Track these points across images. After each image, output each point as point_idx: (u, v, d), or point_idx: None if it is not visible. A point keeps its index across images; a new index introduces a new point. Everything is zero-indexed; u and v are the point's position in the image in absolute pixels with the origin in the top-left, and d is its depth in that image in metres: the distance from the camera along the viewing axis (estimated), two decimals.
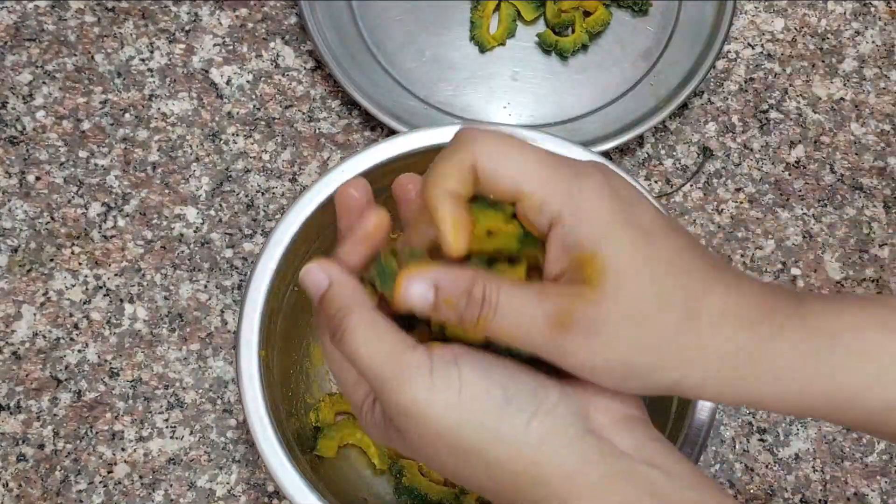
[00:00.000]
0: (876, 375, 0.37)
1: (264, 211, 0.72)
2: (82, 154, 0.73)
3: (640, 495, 0.36)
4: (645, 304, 0.36)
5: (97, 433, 0.67)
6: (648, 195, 0.38)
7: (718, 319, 0.37)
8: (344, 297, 0.38)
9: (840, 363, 0.37)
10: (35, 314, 0.69)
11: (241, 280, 0.71)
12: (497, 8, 0.78)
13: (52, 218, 0.71)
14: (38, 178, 0.72)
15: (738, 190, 0.75)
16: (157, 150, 0.73)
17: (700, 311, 0.36)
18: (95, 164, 0.73)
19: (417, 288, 0.37)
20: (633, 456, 0.37)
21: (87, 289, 0.70)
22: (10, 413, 0.68)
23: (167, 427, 0.68)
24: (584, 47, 0.77)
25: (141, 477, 0.67)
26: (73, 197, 0.72)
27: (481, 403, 0.36)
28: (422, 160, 0.60)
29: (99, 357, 0.69)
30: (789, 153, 0.76)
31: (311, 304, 0.40)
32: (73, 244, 0.71)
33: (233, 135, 0.74)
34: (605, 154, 0.72)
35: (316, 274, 0.39)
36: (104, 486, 0.66)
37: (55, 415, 0.68)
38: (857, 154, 0.76)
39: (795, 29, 0.79)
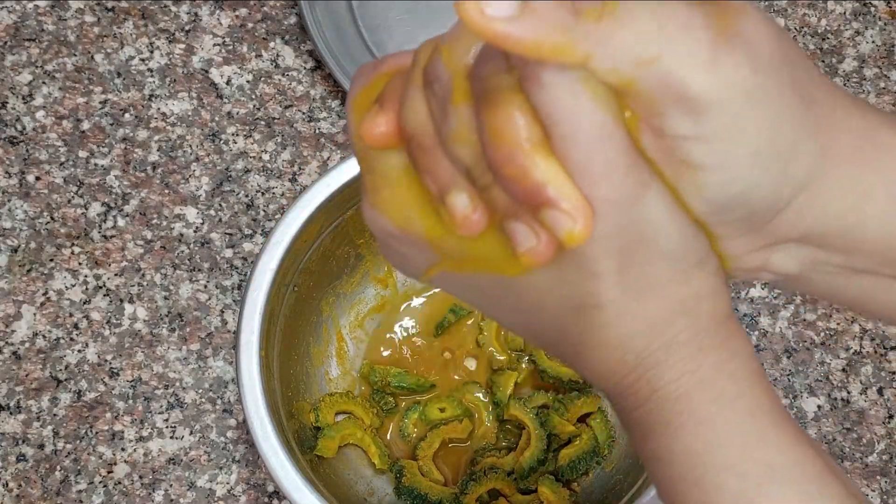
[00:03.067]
0: None
1: (264, 211, 0.72)
2: (82, 154, 0.73)
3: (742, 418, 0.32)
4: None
5: (97, 433, 0.67)
6: None
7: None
8: None
9: (887, 161, 0.32)
10: (35, 314, 0.69)
11: (241, 280, 0.71)
12: None
13: (52, 218, 0.71)
14: (38, 178, 0.72)
15: None
16: (157, 150, 0.73)
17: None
18: (95, 164, 0.73)
19: None
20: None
21: (87, 289, 0.70)
22: (10, 413, 0.68)
23: (167, 427, 0.68)
24: None
25: (141, 477, 0.67)
26: (73, 197, 0.72)
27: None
28: None
29: (99, 357, 0.69)
30: None
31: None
32: (73, 244, 0.71)
33: (233, 135, 0.74)
34: None
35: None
36: (104, 486, 0.66)
37: (55, 415, 0.68)
38: None
39: (795, 29, 0.79)
